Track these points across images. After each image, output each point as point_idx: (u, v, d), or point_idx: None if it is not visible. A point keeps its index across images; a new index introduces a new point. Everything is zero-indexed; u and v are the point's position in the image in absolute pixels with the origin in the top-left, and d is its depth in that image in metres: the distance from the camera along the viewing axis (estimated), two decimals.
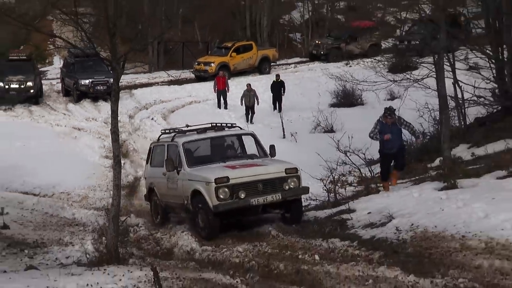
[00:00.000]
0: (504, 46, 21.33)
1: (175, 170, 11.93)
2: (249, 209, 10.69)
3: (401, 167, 15.16)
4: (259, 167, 11.46)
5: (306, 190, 11.49)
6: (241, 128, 13.91)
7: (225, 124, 13.51)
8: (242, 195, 10.42)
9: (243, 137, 13.51)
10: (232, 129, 13.27)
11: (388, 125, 14.39)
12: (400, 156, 14.70)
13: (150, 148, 14.27)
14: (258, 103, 29.23)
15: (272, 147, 13.77)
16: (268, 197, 10.36)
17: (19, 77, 28.86)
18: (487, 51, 21.37)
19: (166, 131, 14.09)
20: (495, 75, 21.47)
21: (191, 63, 39.75)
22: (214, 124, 15.01)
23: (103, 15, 11.25)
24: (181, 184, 11.79)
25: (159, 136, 14.12)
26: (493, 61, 21.44)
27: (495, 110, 22.54)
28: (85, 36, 12.16)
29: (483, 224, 9.92)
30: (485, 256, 8.77)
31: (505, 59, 21.28)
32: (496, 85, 21.32)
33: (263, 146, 13.23)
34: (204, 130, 14.90)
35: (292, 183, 11.00)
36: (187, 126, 13.45)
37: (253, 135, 13.96)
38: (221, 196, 10.20)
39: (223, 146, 13.04)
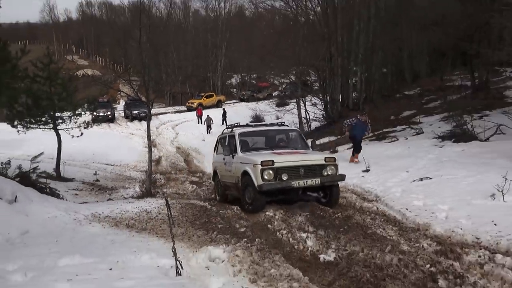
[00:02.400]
0: (327, 95, 24.87)
1: (231, 155, 9.81)
2: (290, 190, 8.56)
3: (359, 150, 14.08)
4: (301, 155, 9.24)
5: (343, 177, 9.11)
6: (288, 126, 11.81)
7: (276, 123, 11.49)
8: (284, 177, 8.43)
9: (289, 132, 10.98)
10: (281, 126, 11.00)
11: (361, 121, 13.70)
12: (360, 142, 13.99)
13: (216, 140, 11.90)
14: (213, 123, 31.40)
15: (313, 142, 11.93)
16: (308, 181, 8.43)
17: (103, 110, 32.60)
18: (320, 97, 25.16)
19: (229, 126, 11.90)
20: (323, 108, 25.02)
21: (185, 102, 47.74)
22: (268, 123, 13.92)
23: (142, 80, 14.21)
24: (234, 166, 9.61)
25: (223, 130, 11.92)
26: (322, 101, 25.15)
27: (324, 123, 24.86)
28: (134, 90, 14.86)
29: None
30: None
31: (327, 101, 24.95)
32: (324, 112, 24.86)
33: (305, 140, 10.87)
34: (259, 125, 13.53)
35: (330, 171, 8.79)
36: (239, 123, 11.35)
37: (297, 131, 11.44)
38: (266, 177, 8.29)
39: (272, 138, 10.53)
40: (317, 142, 18.99)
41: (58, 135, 16.71)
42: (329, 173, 8.84)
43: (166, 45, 47.80)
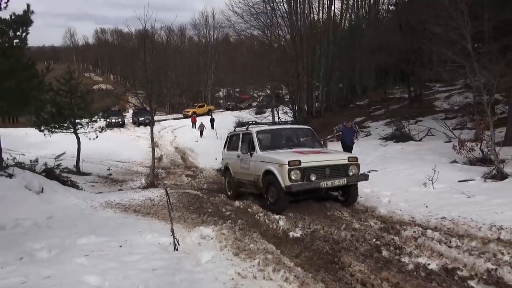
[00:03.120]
0: (295, 105, 24.91)
1: (249, 153, 8.03)
2: (316, 190, 7.07)
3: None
4: (325, 155, 7.54)
5: (366, 177, 7.49)
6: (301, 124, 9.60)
7: (288, 121, 9.18)
8: (313, 178, 6.85)
9: (304, 131, 9.08)
10: (294, 124, 9.35)
11: (347, 128, 11.39)
12: (351, 147, 11.43)
13: (227, 137, 9.91)
14: (205, 128, 30.29)
15: (324, 141, 10.40)
16: (335, 181, 6.91)
17: (115, 117, 32.04)
18: (290, 106, 25.24)
19: (240, 124, 10.69)
20: (292, 115, 24.66)
21: (182, 111, 46.46)
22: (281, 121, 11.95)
23: (147, 93, 13.44)
24: (253, 165, 7.89)
25: (235, 128, 10.07)
26: (292, 110, 25.07)
27: None
28: (140, 101, 14.46)
29: None
30: None
31: (296, 109, 24.89)
32: (293, 119, 24.04)
33: (319, 139, 9.06)
34: (273, 123, 11.46)
35: (353, 170, 7.24)
36: (254, 122, 9.82)
37: (311, 130, 9.20)
38: (293, 177, 6.73)
39: (287, 136, 8.73)
40: None
41: (78, 138, 16.71)
42: (353, 172, 7.23)
43: (166, 64, 47.59)
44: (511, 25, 11.89)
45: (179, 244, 4.74)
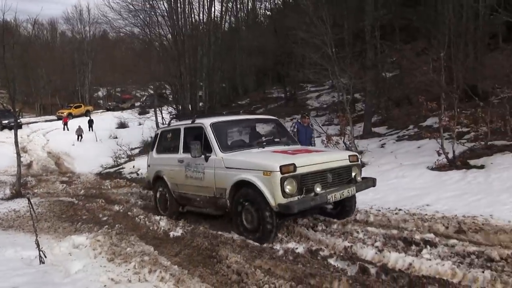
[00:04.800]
0: (179, 105, 23.43)
1: (202, 156, 5.50)
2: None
3: None
4: (320, 154, 5.22)
5: (374, 181, 5.53)
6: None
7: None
8: (318, 189, 4.64)
9: (271, 122, 6.81)
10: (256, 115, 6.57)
11: (304, 125, 8.17)
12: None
13: (156, 134, 7.35)
14: (84, 133, 27.59)
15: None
16: (344, 192, 4.86)
17: None
18: (174, 106, 23.98)
19: (175, 116, 7.36)
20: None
21: (55, 112, 41.42)
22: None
23: (9, 93, 11.85)
24: (210, 173, 5.44)
25: (169, 122, 7.76)
26: (176, 110, 23.89)
27: None
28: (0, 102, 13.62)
29: None
30: None
31: (180, 109, 23.45)
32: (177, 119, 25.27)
33: (290, 133, 7.04)
34: (227, 114, 8.58)
35: (356, 173, 5.32)
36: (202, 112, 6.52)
37: (277, 121, 6.95)
38: (288, 190, 4.51)
39: (254, 130, 6.40)
40: None
41: None
42: (358, 177, 5.32)
43: (34, 61, 42.44)
44: (365, 34, 13.54)
45: (45, 257, 4.35)
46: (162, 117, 23.36)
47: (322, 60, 9.90)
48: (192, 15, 26.04)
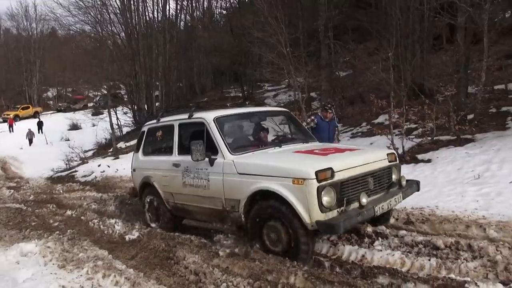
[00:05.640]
0: (134, 105, 23.56)
1: (206, 160, 4.37)
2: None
3: None
4: (356, 153, 4.27)
5: (418, 184, 4.65)
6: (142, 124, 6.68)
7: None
8: (364, 199, 3.61)
9: (283, 115, 5.71)
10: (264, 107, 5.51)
11: (325, 120, 6.54)
12: None
13: (142, 132, 6.09)
14: (34, 136, 26.58)
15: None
16: (392, 201, 3.95)
17: None
18: (129, 106, 23.94)
19: (165, 110, 6.32)
20: (132, 115, 23.63)
21: (0, 114, 39.26)
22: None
23: None
24: (217, 181, 4.32)
25: (158, 118, 5.83)
26: (131, 110, 23.78)
27: (133, 128, 22.33)
28: None
29: None
30: None
31: (135, 109, 23.64)
32: (133, 119, 23.39)
33: (304, 127, 5.84)
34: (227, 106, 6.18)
35: (397, 176, 4.40)
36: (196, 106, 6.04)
37: (289, 113, 5.69)
38: (325, 203, 3.41)
39: (262, 126, 5.22)
40: (128, 144, 17.97)
41: None
42: (402, 181, 4.42)
43: None
44: (319, 33, 13.87)
45: None
46: (117, 118, 22.73)
47: (278, 59, 10.05)
48: (146, 13, 25.51)
